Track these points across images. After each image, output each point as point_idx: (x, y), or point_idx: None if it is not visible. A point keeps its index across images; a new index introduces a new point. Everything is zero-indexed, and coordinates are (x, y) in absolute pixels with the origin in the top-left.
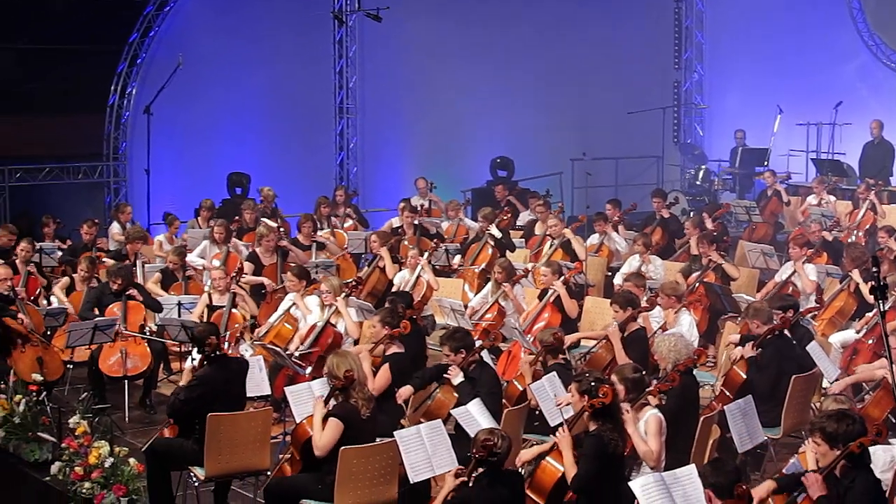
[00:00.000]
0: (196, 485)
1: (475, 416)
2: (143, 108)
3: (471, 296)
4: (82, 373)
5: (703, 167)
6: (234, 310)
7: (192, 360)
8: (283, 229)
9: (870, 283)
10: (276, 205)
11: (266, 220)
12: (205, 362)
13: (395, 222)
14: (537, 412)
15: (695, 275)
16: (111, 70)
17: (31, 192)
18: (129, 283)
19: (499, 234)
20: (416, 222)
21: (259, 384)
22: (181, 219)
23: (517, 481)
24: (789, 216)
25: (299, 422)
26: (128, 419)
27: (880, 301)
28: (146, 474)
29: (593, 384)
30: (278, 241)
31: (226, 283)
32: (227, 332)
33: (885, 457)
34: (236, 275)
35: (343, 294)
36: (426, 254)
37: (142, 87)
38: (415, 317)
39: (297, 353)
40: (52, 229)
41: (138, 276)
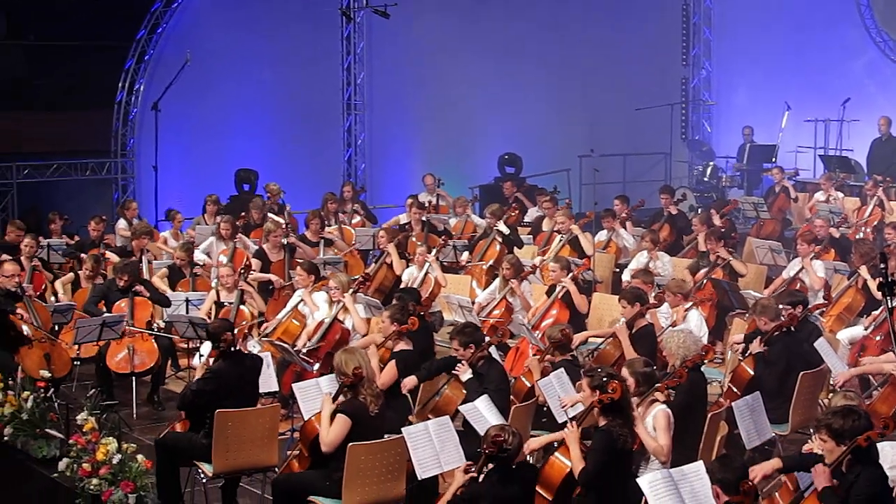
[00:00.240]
0: (204, 481)
1: (483, 412)
2: (151, 104)
3: (479, 292)
4: (90, 369)
5: (711, 164)
6: (241, 306)
7: (200, 356)
8: (290, 225)
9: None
10: (284, 201)
11: (272, 216)
12: (219, 357)
13: (402, 219)
14: (545, 408)
15: (703, 271)
16: (119, 66)
17: (38, 188)
18: (136, 280)
19: (507, 231)
20: (424, 219)
21: (267, 380)
22: (190, 215)
23: (528, 476)
24: (797, 213)
25: (307, 418)
26: (136, 416)
27: (888, 297)
28: (155, 467)
29: (604, 379)
30: (286, 237)
31: (233, 279)
32: (236, 329)
33: (893, 452)
34: (244, 271)
35: (351, 290)
36: (434, 250)
37: (150, 83)
38: (423, 313)
39: (304, 350)
40: (59, 226)
41: (144, 272)
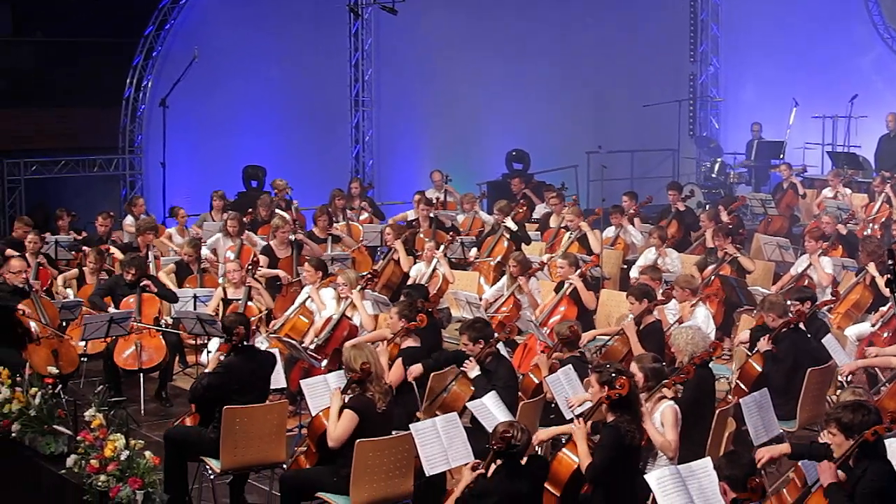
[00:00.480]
0: (212, 477)
1: (491, 409)
2: (159, 101)
3: (486, 289)
4: (97, 366)
5: (719, 160)
6: (249, 303)
7: (208, 352)
8: (297, 222)
9: (885, 276)
10: (291, 197)
11: (280, 212)
12: (231, 351)
13: (410, 215)
14: (553, 405)
15: (710, 268)
16: (127, 63)
17: (46, 184)
18: (143, 274)
19: (514, 227)
20: (432, 215)
21: (275, 377)
22: (199, 212)
23: (537, 472)
24: (805, 209)
25: (315, 414)
26: (143, 412)
27: None
28: (163, 460)
29: (613, 375)
30: (294, 234)
31: (240, 275)
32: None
33: None
34: (252, 267)
35: (359, 287)
36: (442, 246)
37: (157, 80)
38: (430, 310)
39: (312, 346)
40: (67, 222)
41: (150, 268)
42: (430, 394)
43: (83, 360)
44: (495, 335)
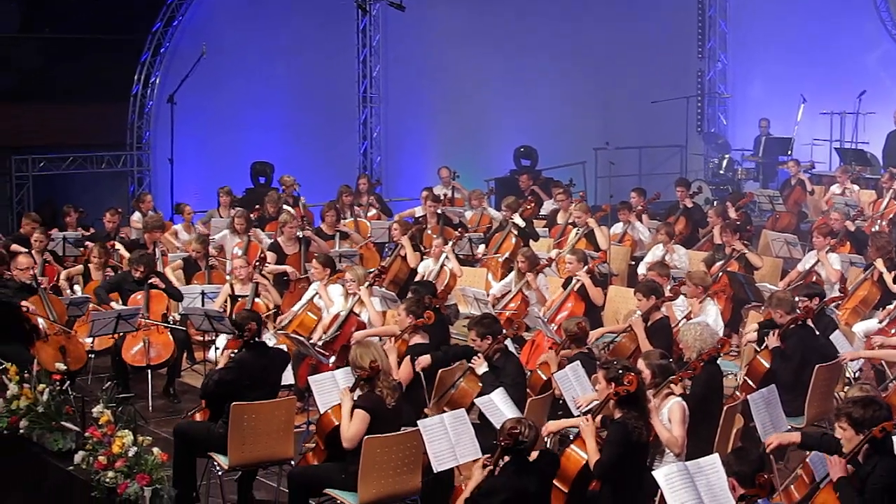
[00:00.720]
0: (220, 474)
1: (499, 405)
2: (167, 97)
3: (494, 285)
4: (105, 362)
5: (727, 156)
6: (257, 299)
7: (216, 349)
8: (305, 218)
9: (893, 273)
10: (299, 193)
11: (287, 208)
12: (242, 347)
13: (417, 211)
14: (561, 402)
15: (718, 264)
16: (135, 59)
17: (54, 181)
18: (152, 271)
19: (522, 224)
20: (440, 211)
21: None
22: (207, 208)
23: (546, 469)
24: (813, 205)
25: (323, 411)
26: (151, 408)
27: None
28: (173, 456)
29: (620, 371)
30: (302, 230)
31: (247, 272)
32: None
33: None
34: (259, 263)
35: (367, 283)
36: (450, 243)
37: (165, 76)
38: (438, 306)
39: (320, 343)
40: (74, 219)
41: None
42: (437, 390)
43: (91, 356)
44: (503, 331)
